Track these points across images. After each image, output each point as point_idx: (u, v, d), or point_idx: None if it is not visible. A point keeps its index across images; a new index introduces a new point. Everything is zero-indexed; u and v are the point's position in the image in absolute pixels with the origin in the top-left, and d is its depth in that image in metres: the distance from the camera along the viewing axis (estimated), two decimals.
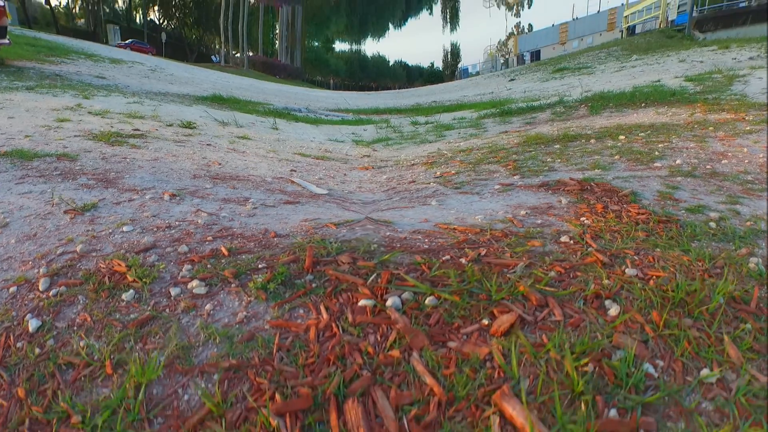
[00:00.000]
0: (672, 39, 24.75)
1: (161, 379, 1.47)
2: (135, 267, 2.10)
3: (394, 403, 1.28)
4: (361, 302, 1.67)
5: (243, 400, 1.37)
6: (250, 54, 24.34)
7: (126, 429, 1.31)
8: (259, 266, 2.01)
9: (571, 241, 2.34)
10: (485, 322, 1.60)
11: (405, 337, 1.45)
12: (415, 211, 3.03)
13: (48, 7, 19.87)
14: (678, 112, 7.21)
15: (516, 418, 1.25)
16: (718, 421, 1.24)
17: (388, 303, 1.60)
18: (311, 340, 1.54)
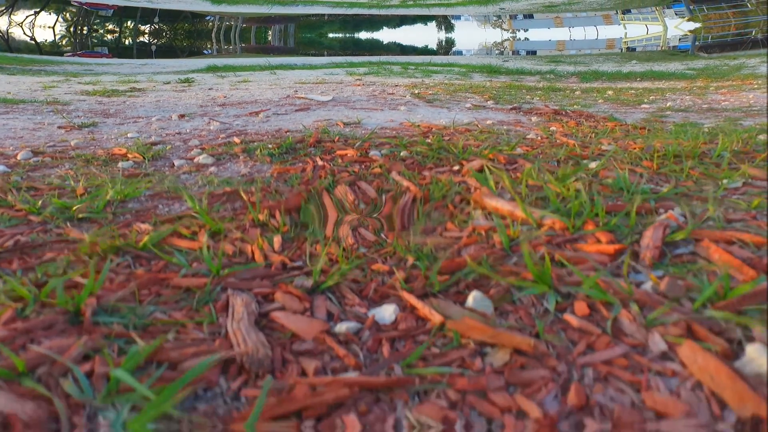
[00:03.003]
0: (675, 55, 24.49)
1: (141, 199, 1.40)
2: (138, 149, 2.02)
3: (375, 187, 1.42)
4: (349, 153, 1.85)
5: (233, 210, 1.30)
6: (243, 45, 24.42)
7: (75, 206, 1.22)
8: (269, 146, 2.05)
9: (538, 138, 2.27)
10: (455, 167, 1.63)
11: (384, 165, 1.60)
12: (384, 114, 3.21)
13: (34, 42, 19.93)
14: (677, 83, 7.16)
15: (501, 208, 1.19)
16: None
17: (371, 153, 1.81)
18: (307, 172, 1.53)
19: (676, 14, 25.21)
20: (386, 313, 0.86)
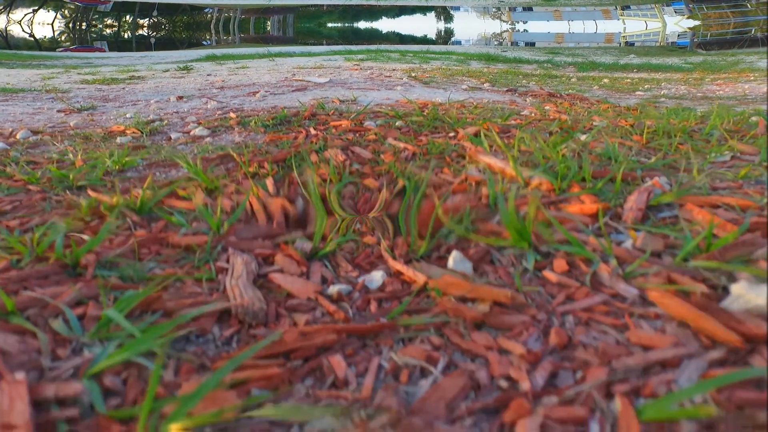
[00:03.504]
0: (674, 51, 24.53)
1: (138, 168, 1.41)
2: (136, 125, 2.05)
3: (371, 150, 1.42)
4: (344, 124, 1.80)
5: (226, 170, 1.33)
6: (242, 35, 24.51)
7: (74, 175, 1.23)
8: (264, 119, 2.08)
9: (532, 114, 2.30)
10: (451, 134, 1.68)
11: (380, 133, 1.63)
12: (380, 93, 3.29)
13: (32, 39, 19.92)
14: (673, 74, 7.16)
15: (494, 164, 1.21)
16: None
17: (366, 123, 1.73)
18: (299, 139, 1.54)
19: (675, 12, 25.16)
20: (375, 278, 0.89)
